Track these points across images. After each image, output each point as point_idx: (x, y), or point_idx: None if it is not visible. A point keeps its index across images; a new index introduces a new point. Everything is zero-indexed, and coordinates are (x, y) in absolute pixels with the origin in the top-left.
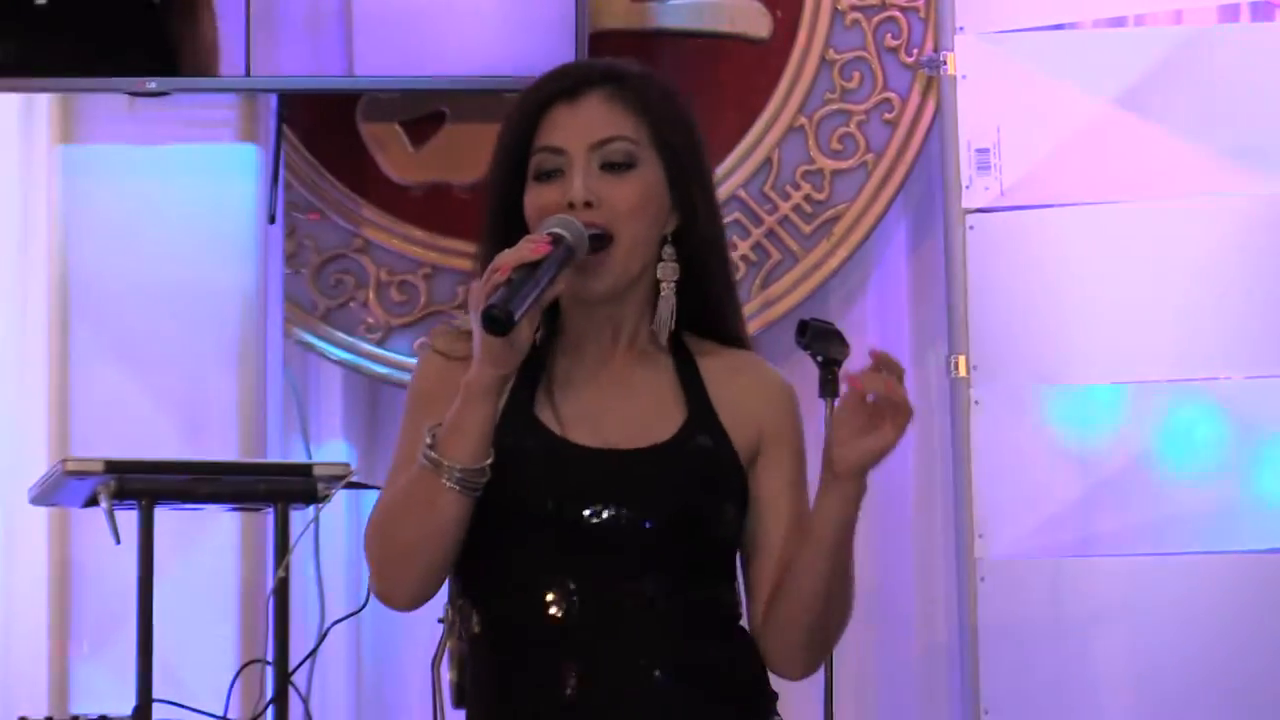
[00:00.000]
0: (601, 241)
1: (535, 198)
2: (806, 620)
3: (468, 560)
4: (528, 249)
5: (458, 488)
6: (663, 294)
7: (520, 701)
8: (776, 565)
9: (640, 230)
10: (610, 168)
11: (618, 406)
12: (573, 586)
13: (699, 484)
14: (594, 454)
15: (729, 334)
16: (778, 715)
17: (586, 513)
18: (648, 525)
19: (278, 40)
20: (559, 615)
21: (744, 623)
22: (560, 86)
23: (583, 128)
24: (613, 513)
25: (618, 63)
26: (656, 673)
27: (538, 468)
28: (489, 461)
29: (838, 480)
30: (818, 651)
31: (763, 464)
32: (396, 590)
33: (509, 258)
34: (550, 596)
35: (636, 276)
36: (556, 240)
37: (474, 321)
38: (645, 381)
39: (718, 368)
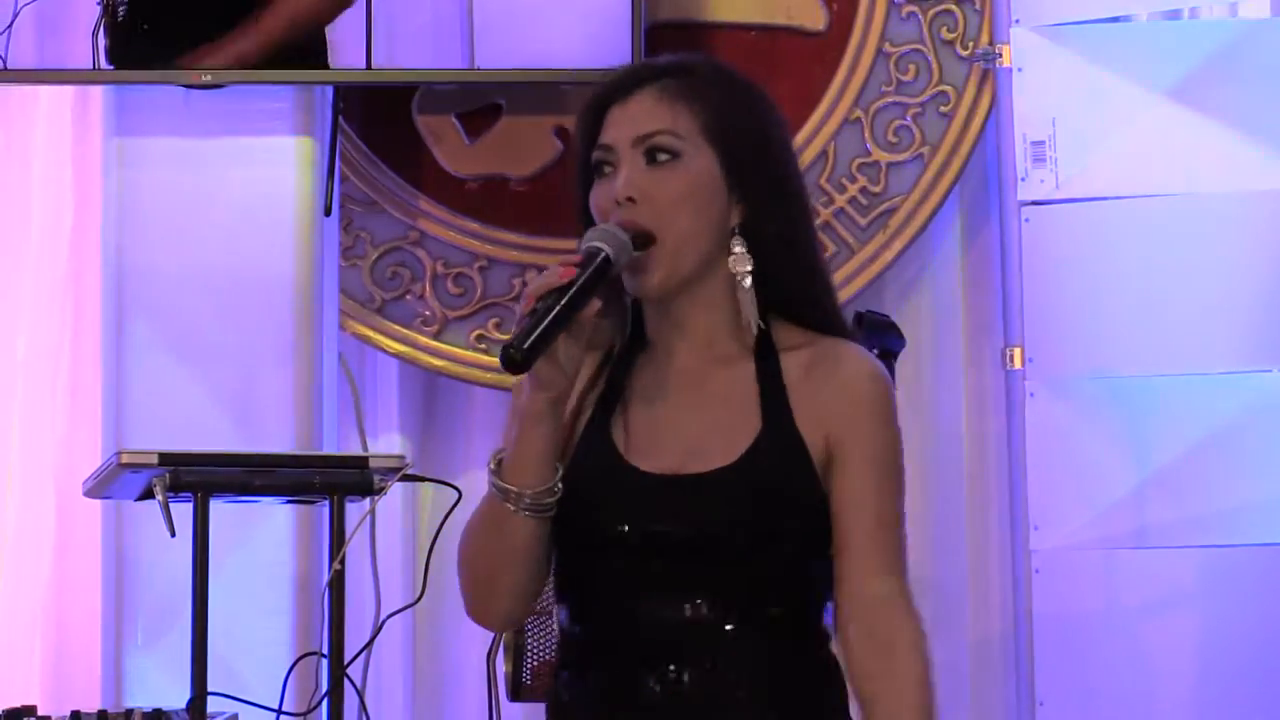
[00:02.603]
0: (645, 239)
1: (594, 196)
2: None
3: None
4: (555, 274)
5: (526, 512)
6: (740, 287)
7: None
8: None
9: (686, 223)
10: (654, 161)
11: (688, 422)
12: (651, 602)
13: (755, 506)
14: (652, 480)
15: (818, 320)
16: None
17: (640, 535)
18: (701, 548)
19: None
20: (638, 627)
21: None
22: (616, 86)
23: (628, 123)
24: (665, 535)
25: (680, 58)
26: (739, 693)
27: (595, 491)
28: (557, 482)
29: None
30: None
31: (836, 468)
32: (488, 613)
33: (536, 285)
34: (635, 609)
35: (695, 272)
36: (589, 257)
37: None
38: (721, 390)
39: (799, 363)
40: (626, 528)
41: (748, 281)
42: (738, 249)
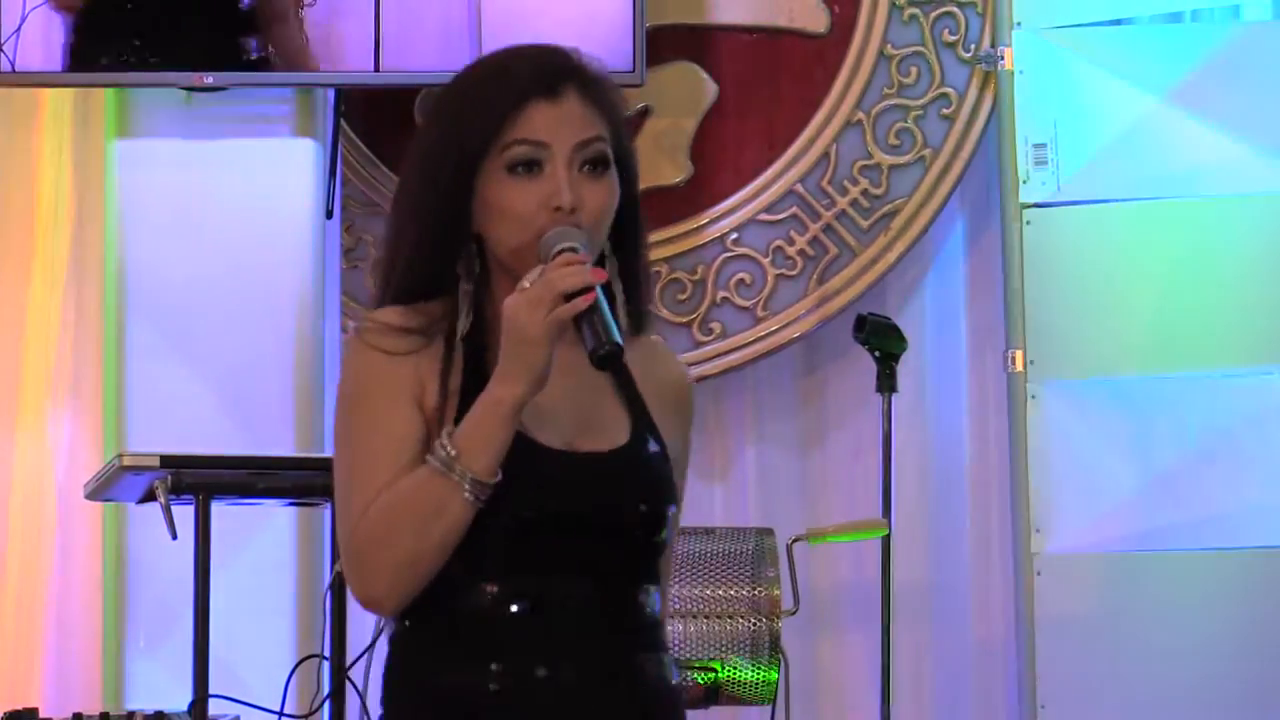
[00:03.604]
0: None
1: (512, 194)
2: None
3: None
4: (586, 272)
5: (470, 495)
6: (615, 290)
7: (447, 691)
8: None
9: (603, 234)
10: (591, 169)
11: (573, 404)
12: (515, 584)
13: (655, 488)
14: (562, 457)
15: (644, 318)
16: None
17: (549, 515)
18: (607, 528)
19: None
20: (496, 611)
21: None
22: (537, 80)
23: (567, 125)
24: (577, 516)
25: (576, 55)
26: (573, 673)
27: (509, 470)
28: (499, 478)
29: None
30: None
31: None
32: (391, 595)
33: (568, 280)
34: (492, 590)
35: None
36: (596, 260)
37: (514, 338)
38: (586, 373)
39: (637, 358)
40: (538, 508)
41: (617, 282)
42: (609, 254)
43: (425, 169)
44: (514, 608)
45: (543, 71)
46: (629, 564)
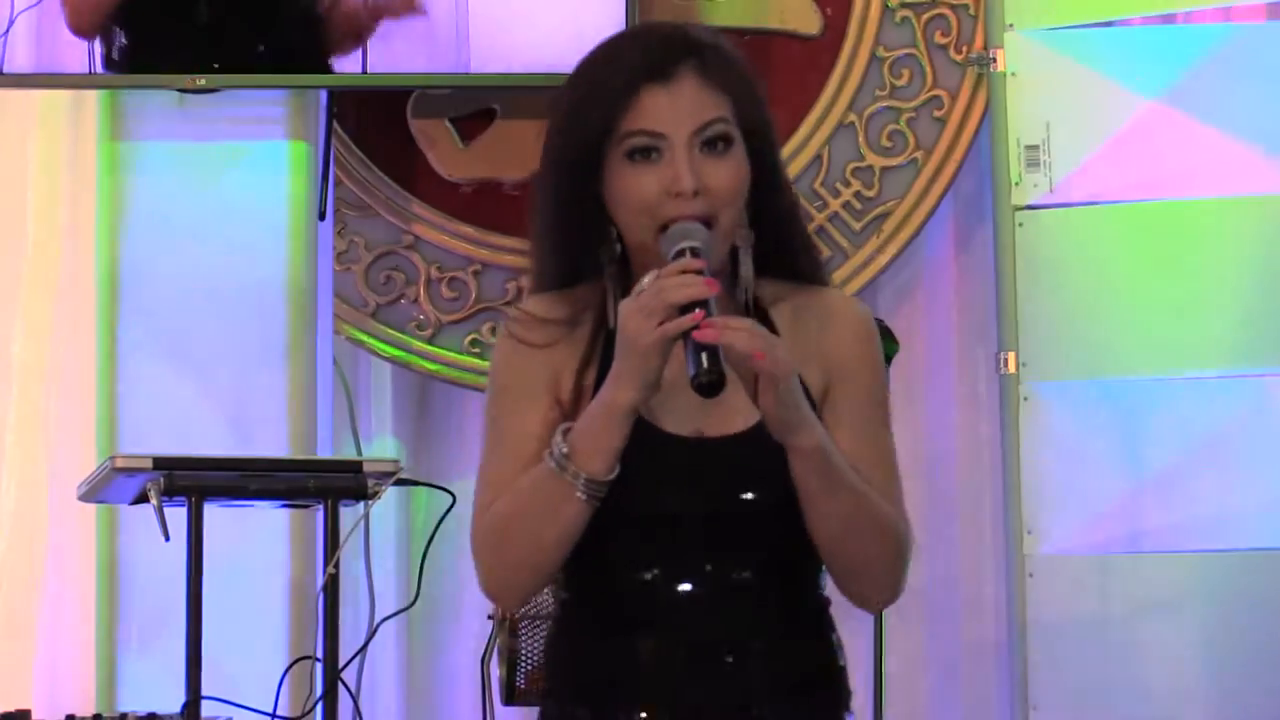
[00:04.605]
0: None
1: (633, 181)
2: (831, 551)
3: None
4: (700, 284)
5: (584, 495)
6: (742, 260)
7: (599, 671)
8: None
9: (736, 209)
10: (710, 150)
11: None
12: (659, 572)
13: (768, 476)
14: (687, 444)
15: (801, 272)
16: (851, 714)
17: (684, 505)
18: (741, 511)
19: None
20: (644, 595)
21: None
22: (649, 65)
23: (683, 112)
24: (708, 504)
25: (693, 31)
26: (726, 654)
27: (633, 461)
28: (615, 474)
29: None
30: (861, 585)
31: (827, 404)
32: (513, 593)
33: (680, 293)
34: (641, 579)
35: (723, 252)
36: (699, 255)
37: (627, 344)
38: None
39: (788, 313)
40: (644, 501)
41: (749, 256)
42: (743, 223)
43: (554, 158)
44: (675, 587)
45: (654, 55)
46: (755, 551)
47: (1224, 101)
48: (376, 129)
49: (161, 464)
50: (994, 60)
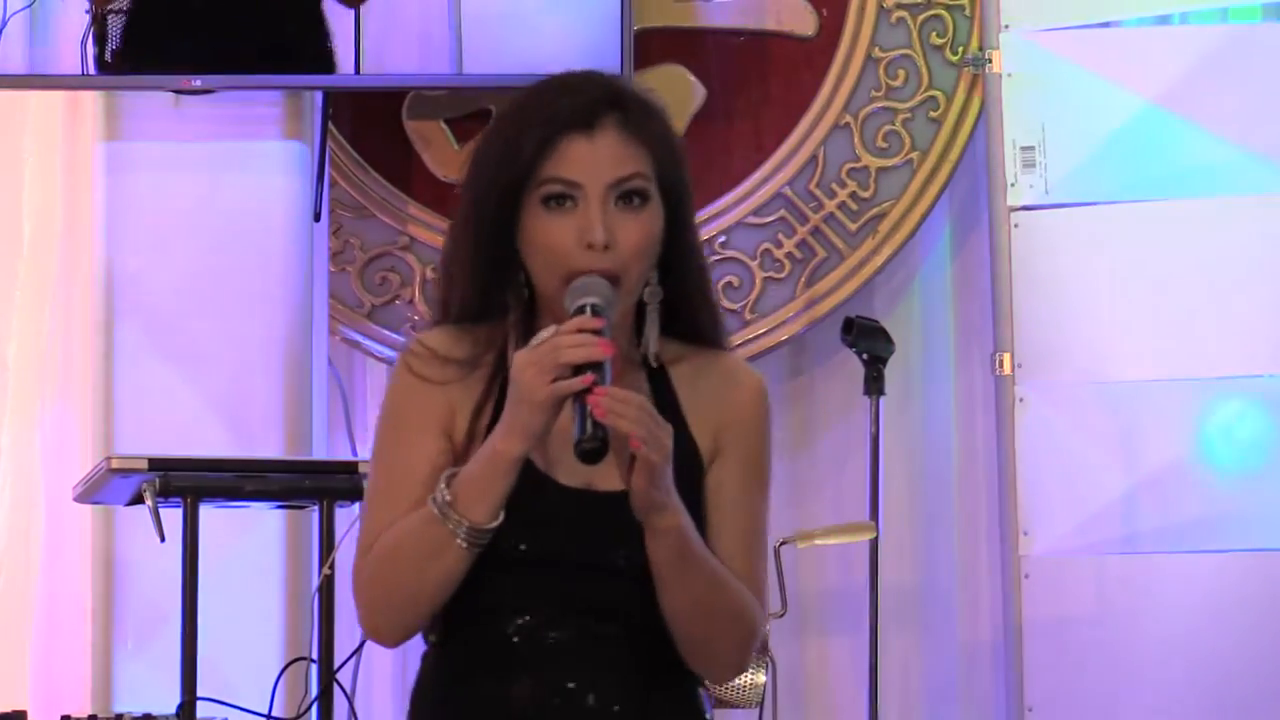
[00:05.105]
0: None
1: (547, 228)
2: (677, 627)
3: None
4: (595, 346)
5: (464, 543)
6: (649, 317)
7: (470, 705)
8: None
9: (644, 266)
10: (626, 204)
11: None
12: (530, 619)
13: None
14: (574, 495)
15: (703, 336)
16: None
17: (561, 554)
18: (617, 567)
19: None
20: (514, 641)
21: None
22: (572, 114)
23: (602, 164)
24: (587, 556)
25: (620, 84)
26: (591, 699)
27: (517, 505)
28: (499, 522)
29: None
30: (706, 663)
31: (713, 470)
32: (392, 633)
33: (574, 354)
34: (513, 624)
35: (628, 307)
36: (599, 314)
37: (519, 396)
38: None
39: (687, 374)
40: (524, 546)
41: (656, 314)
42: (653, 282)
43: (474, 194)
44: (542, 635)
45: (580, 105)
46: (630, 606)
47: (1220, 102)
48: (372, 130)
49: (157, 465)
50: (989, 61)
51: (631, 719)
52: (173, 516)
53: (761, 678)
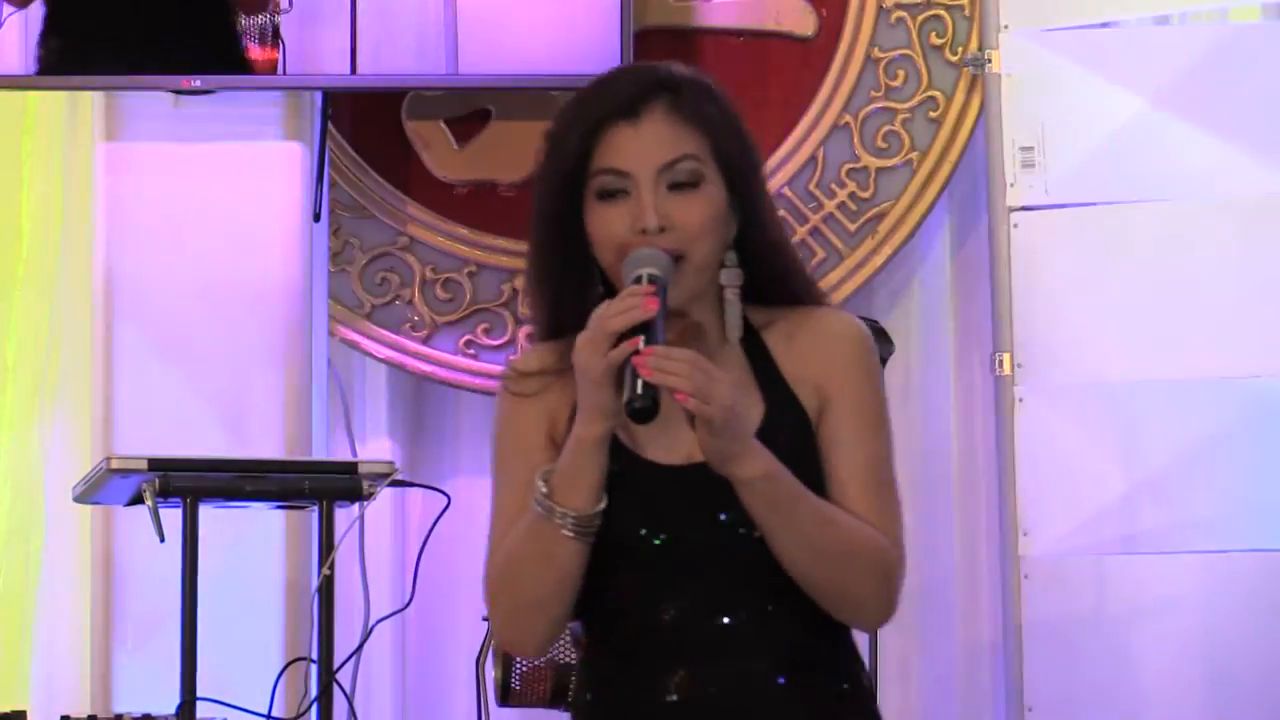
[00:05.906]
0: (676, 259)
1: (603, 220)
2: (804, 578)
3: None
4: (638, 309)
5: (572, 534)
6: (728, 300)
7: (627, 704)
8: None
9: (710, 246)
10: (678, 187)
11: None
12: (670, 607)
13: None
14: (674, 471)
15: (796, 299)
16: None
17: (676, 534)
18: (741, 534)
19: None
20: (664, 632)
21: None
22: (617, 104)
23: (647, 150)
24: (703, 531)
25: (669, 69)
26: (770, 675)
27: (621, 493)
28: (602, 506)
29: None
30: (848, 608)
31: (822, 422)
32: (528, 639)
33: (618, 320)
34: (656, 616)
35: (704, 288)
36: (655, 283)
37: (581, 377)
38: (726, 370)
39: (782, 335)
40: (644, 531)
41: (737, 297)
42: (730, 263)
43: (538, 201)
44: (686, 621)
45: (623, 94)
46: (735, 581)
47: (1220, 102)
48: (371, 131)
49: (157, 465)
50: (989, 61)
51: (795, 686)
52: (172, 517)
53: None
